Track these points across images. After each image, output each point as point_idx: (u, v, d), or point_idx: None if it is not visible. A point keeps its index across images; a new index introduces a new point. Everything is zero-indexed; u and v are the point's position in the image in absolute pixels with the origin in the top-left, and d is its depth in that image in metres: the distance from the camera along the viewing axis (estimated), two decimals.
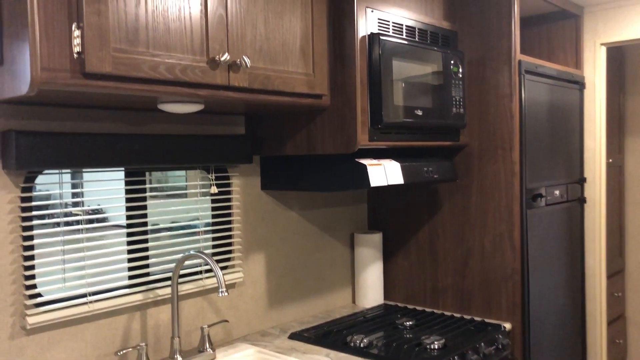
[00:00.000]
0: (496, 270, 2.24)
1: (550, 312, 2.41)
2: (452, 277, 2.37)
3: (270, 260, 2.22)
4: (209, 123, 2.00)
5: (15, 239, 1.54)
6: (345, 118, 1.80)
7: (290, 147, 1.97)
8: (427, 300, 2.45)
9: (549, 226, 2.41)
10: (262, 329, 2.19)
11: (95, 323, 1.70)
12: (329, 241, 2.48)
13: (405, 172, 1.99)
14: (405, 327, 2.15)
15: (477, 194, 2.28)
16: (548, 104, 2.40)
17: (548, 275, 2.39)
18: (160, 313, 1.86)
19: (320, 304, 2.44)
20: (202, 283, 1.95)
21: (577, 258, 2.67)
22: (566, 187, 2.54)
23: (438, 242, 2.41)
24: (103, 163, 1.64)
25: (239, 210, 2.10)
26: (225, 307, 2.06)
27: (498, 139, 2.21)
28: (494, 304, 2.26)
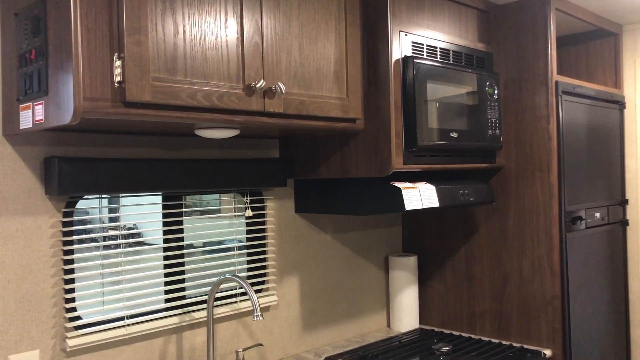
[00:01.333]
0: (535, 295, 2.19)
1: (592, 338, 2.33)
2: (489, 301, 2.32)
3: (304, 283, 2.22)
4: (244, 147, 2.02)
5: (57, 263, 1.57)
6: (380, 141, 1.80)
7: (324, 171, 1.97)
8: (463, 325, 2.41)
9: (590, 249, 2.34)
10: (296, 353, 2.18)
11: (132, 346, 1.72)
12: (363, 264, 2.46)
13: (440, 195, 1.97)
14: (442, 353, 2.11)
15: (514, 217, 2.24)
16: (587, 124, 2.35)
17: (589, 300, 2.32)
18: (195, 336, 1.87)
19: (354, 328, 2.41)
20: (237, 306, 1.96)
21: (620, 282, 2.58)
22: (607, 209, 2.47)
23: (475, 265, 2.36)
24: (142, 188, 1.67)
25: (273, 233, 2.11)
26: (260, 330, 2.06)
27: (535, 161, 2.17)
28: (533, 329, 2.20)
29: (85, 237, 1.65)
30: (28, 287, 1.52)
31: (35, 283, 1.53)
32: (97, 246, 1.66)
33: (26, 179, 1.52)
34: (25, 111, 1.37)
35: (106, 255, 1.67)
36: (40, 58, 1.30)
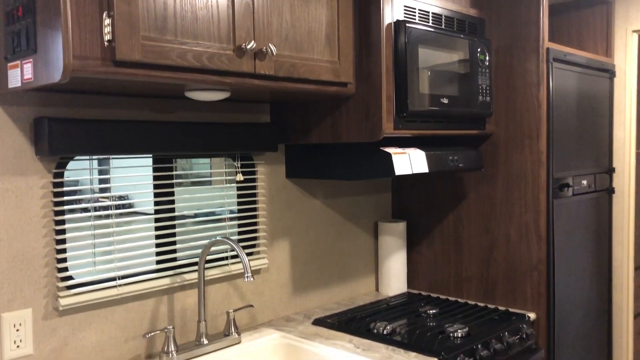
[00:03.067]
0: (521, 260, 2.23)
1: (575, 303, 2.39)
2: (476, 266, 2.36)
3: (295, 248, 2.24)
4: (235, 111, 2.02)
5: (48, 223, 1.58)
6: (371, 106, 1.81)
7: (315, 136, 1.98)
8: (450, 289, 2.45)
9: (576, 216, 2.38)
10: (286, 315, 2.22)
11: (124, 306, 1.74)
12: (353, 230, 2.49)
13: (430, 160, 1.98)
14: (428, 315, 2.15)
15: (502, 183, 2.26)
16: (577, 92, 2.36)
17: (574, 265, 2.37)
18: (187, 297, 1.89)
19: (343, 292, 2.45)
20: (228, 269, 1.98)
21: (605, 249, 2.63)
22: (594, 177, 2.50)
23: (463, 231, 2.40)
24: (132, 149, 1.67)
25: (264, 198, 2.12)
26: (251, 292, 2.09)
27: (525, 128, 2.19)
28: (519, 293, 2.25)
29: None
30: (20, 247, 1.53)
31: (27, 243, 1.54)
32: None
33: (16, 139, 1.52)
34: (13, 70, 1.36)
35: (97, 217, 1.68)
36: (27, 15, 1.29)
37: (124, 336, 1.75)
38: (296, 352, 1.90)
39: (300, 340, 1.91)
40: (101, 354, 1.69)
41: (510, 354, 2.01)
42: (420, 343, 1.85)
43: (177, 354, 1.73)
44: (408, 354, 1.79)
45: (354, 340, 1.92)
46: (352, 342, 1.90)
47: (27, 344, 1.54)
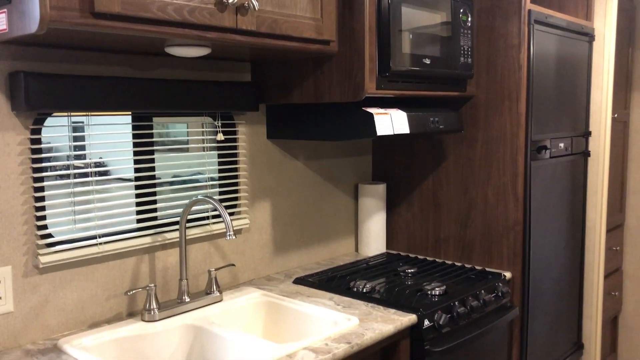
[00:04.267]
0: (498, 220, 2.27)
1: (550, 262, 2.45)
2: (454, 227, 2.40)
3: (276, 208, 2.25)
4: (215, 70, 1.99)
5: (26, 180, 1.56)
6: (353, 65, 1.80)
7: (296, 96, 1.96)
8: (429, 249, 2.50)
9: (553, 178, 2.42)
10: (267, 274, 2.24)
11: (105, 264, 1.74)
12: (334, 191, 2.50)
13: (411, 121, 1.99)
14: (407, 275, 2.19)
15: (482, 145, 2.29)
16: (556, 55, 2.37)
17: (549, 227, 2.43)
18: (168, 256, 1.90)
19: (324, 252, 2.48)
20: (210, 228, 1.99)
21: (579, 211, 2.70)
22: (571, 140, 2.54)
23: (441, 193, 2.43)
24: (111, 106, 1.64)
25: (245, 159, 2.12)
26: (232, 252, 2.10)
27: (505, 90, 2.20)
28: (495, 253, 2.30)
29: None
30: None
31: (5, 200, 1.52)
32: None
33: None
34: None
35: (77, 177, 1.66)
36: None
37: (106, 294, 1.75)
38: (278, 309, 1.92)
39: (281, 298, 1.94)
40: (82, 312, 1.70)
41: (486, 311, 2.06)
42: (399, 300, 1.89)
43: (159, 311, 1.74)
44: (387, 311, 1.83)
45: (334, 298, 1.95)
46: (333, 300, 1.94)
47: (7, 301, 1.54)
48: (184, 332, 1.74)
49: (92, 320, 1.72)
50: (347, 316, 1.75)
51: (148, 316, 1.72)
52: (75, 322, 1.68)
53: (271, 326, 1.95)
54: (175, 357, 1.73)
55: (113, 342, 1.63)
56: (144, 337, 1.68)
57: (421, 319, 1.80)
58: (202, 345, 1.72)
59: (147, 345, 1.68)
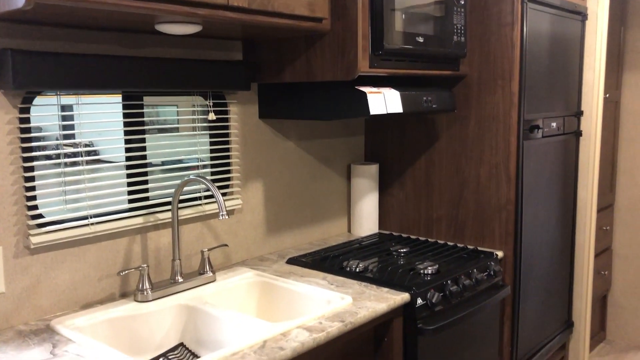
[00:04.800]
0: (490, 200, 2.28)
1: (541, 241, 2.47)
2: (446, 207, 2.41)
3: (269, 189, 2.24)
4: (206, 48, 1.96)
5: (15, 160, 1.54)
6: (346, 43, 1.78)
7: (289, 74, 1.95)
8: (421, 229, 2.50)
9: (545, 158, 2.43)
10: (260, 255, 2.24)
11: (97, 245, 1.73)
12: (326, 172, 2.49)
13: (404, 100, 1.98)
14: (399, 254, 2.20)
15: (474, 125, 2.28)
16: (549, 34, 2.36)
17: (541, 206, 2.44)
18: (160, 237, 1.89)
19: (316, 233, 2.48)
20: (202, 209, 1.98)
21: (570, 191, 2.71)
22: (563, 120, 2.54)
23: (434, 173, 2.43)
24: (101, 85, 1.62)
25: (237, 138, 2.10)
26: (225, 232, 2.09)
27: (498, 69, 2.19)
28: (487, 233, 2.31)
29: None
30: None
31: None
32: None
33: None
34: None
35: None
36: None
37: (98, 275, 1.74)
38: (271, 289, 1.92)
39: (275, 278, 1.94)
40: (75, 293, 1.69)
41: (478, 290, 2.08)
42: (392, 279, 1.89)
43: (152, 291, 1.73)
44: (380, 290, 1.84)
45: (327, 278, 1.96)
46: (326, 279, 1.94)
47: None
48: (178, 312, 1.74)
49: (85, 301, 1.71)
50: (340, 295, 1.76)
51: (141, 296, 1.72)
52: (68, 303, 1.68)
53: (265, 306, 1.95)
54: (168, 337, 1.73)
55: (106, 323, 1.62)
56: (137, 317, 1.68)
57: (414, 298, 1.81)
58: (195, 325, 1.72)
59: (140, 325, 1.68)
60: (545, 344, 2.59)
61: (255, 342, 1.43)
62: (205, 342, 1.69)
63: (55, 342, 1.46)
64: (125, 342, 1.65)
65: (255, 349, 1.41)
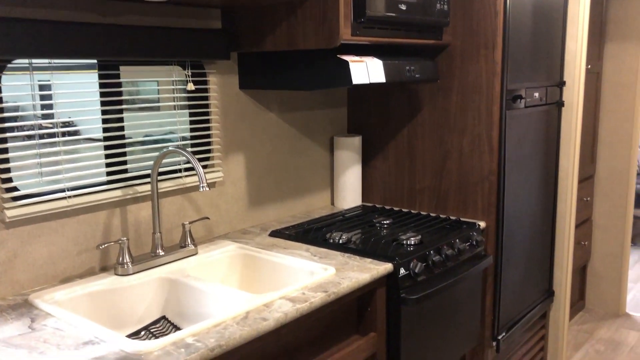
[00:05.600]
0: (473, 171, 2.28)
1: (523, 212, 2.48)
2: (429, 178, 2.40)
3: (250, 161, 2.21)
4: (185, 16, 1.91)
5: None
6: (328, 10, 1.74)
7: (269, 43, 1.90)
8: (404, 201, 2.50)
9: (527, 128, 2.43)
10: (243, 228, 2.22)
11: (75, 218, 1.70)
12: (309, 144, 2.47)
13: (387, 70, 1.95)
14: (382, 226, 2.20)
15: (457, 95, 2.27)
16: (533, 3, 2.34)
17: (523, 176, 2.44)
18: (140, 210, 1.85)
19: (299, 205, 2.46)
20: (182, 181, 1.95)
21: (552, 161, 2.72)
22: (546, 90, 2.54)
23: (417, 144, 2.42)
24: (76, 53, 1.57)
25: (217, 109, 2.06)
26: (206, 205, 2.07)
27: (481, 38, 2.17)
28: (470, 203, 2.31)
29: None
30: None
31: None
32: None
33: None
34: None
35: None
36: None
37: (77, 249, 1.71)
38: (254, 261, 1.91)
39: (258, 251, 1.92)
40: (53, 267, 1.66)
41: (460, 260, 2.08)
42: (375, 250, 1.89)
43: (133, 264, 1.71)
44: (364, 260, 1.83)
45: (310, 249, 1.95)
46: (309, 251, 1.93)
47: None
48: (159, 285, 1.72)
49: (64, 275, 1.69)
50: (323, 266, 1.75)
51: (121, 270, 1.69)
52: (46, 278, 1.64)
53: (248, 278, 1.94)
54: (150, 311, 1.71)
55: (86, 296, 1.60)
56: (118, 290, 1.65)
57: (397, 268, 1.81)
58: (177, 298, 1.70)
59: (121, 298, 1.66)
60: (526, 312, 2.62)
61: (237, 314, 1.42)
62: (187, 315, 1.68)
63: (33, 317, 1.43)
64: (105, 316, 1.63)
65: (238, 320, 1.40)
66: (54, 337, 1.32)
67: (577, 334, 3.61)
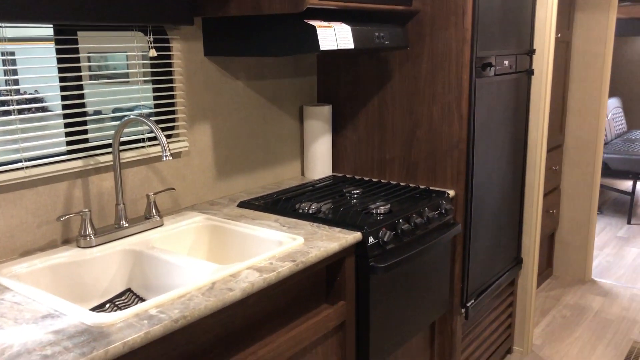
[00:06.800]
0: (442, 139, 2.27)
1: (492, 180, 2.49)
2: (399, 148, 2.39)
3: (217, 131, 2.17)
4: None
5: None
6: None
7: (234, 7, 1.84)
8: (374, 171, 2.49)
9: (497, 97, 2.42)
10: (210, 199, 2.18)
11: (34, 190, 1.64)
12: (278, 113, 2.42)
13: (356, 35, 1.92)
14: (352, 195, 2.18)
15: (427, 63, 2.24)
16: None
17: (493, 145, 2.45)
18: (102, 181, 1.80)
19: (269, 176, 2.43)
20: (146, 151, 1.89)
21: (521, 130, 2.73)
22: (515, 58, 2.53)
23: (387, 114, 2.39)
24: (30, 16, 1.49)
25: (181, 77, 2.00)
26: (172, 176, 2.02)
27: (451, 5, 2.14)
28: (439, 172, 2.31)
29: None
30: None
31: None
32: None
33: None
34: None
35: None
36: None
37: (37, 221, 1.65)
38: (221, 232, 1.88)
39: (225, 222, 1.89)
40: (12, 240, 1.60)
41: (430, 228, 2.09)
42: (345, 219, 1.88)
43: (96, 236, 1.66)
44: (333, 230, 1.82)
45: (279, 220, 1.92)
46: (278, 222, 1.91)
47: None
48: (123, 258, 1.68)
49: (24, 249, 1.63)
50: (292, 236, 1.73)
51: (84, 242, 1.65)
52: (5, 251, 1.59)
53: (215, 250, 1.91)
54: (115, 283, 1.68)
55: (47, 269, 1.55)
56: (81, 263, 1.61)
57: (366, 236, 1.80)
58: (142, 270, 1.67)
59: (84, 271, 1.62)
60: (495, 280, 2.65)
61: (203, 284, 1.40)
62: (153, 287, 1.65)
63: None
64: (68, 289, 1.59)
65: (204, 290, 1.37)
66: (11, 311, 1.28)
67: (545, 300, 3.69)
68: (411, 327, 2.08)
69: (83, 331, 1.17)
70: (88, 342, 1.13)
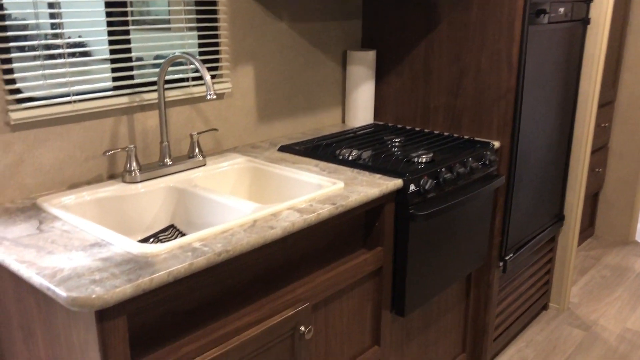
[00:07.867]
0: (490, 88, 2.20)
1: (539, 134, 2.42)
2: (444, 96, 2.33)
3: (260, 74, 2.15)
4: None
5: None
6: None
7: None
8: (417, 120, 2.44)
9: (549, 46, 2.32)
10: (251, 142, 2.19)
11: (81, 124, 1.67)
12: (321, 58, 2.39)
13: None
14: (394, 144, 2.15)
15: (478, 8, 2.15)
16: None
17: (542, 97, 2.36)
18: (147, 119, 1.82)
19: (309, 122, 2.42)
20: (190, 90, 1.90)
21: (572, 83, 2.62)
22: (572, 5, 2.41)
23: (433, 60, 2.33)
24: None
25: (225, 16, 1.98)
26: (214, 117, 2.03)
27: None
28: (485, 122, 2.25)
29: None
30: None
31: None
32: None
33: None
34: None
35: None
36: None
37: (84, 155, 1.69)
38: (262, 174, 1.89)
39: (266, 164, 1.90)
40: (60, 173, 1.65)
41: (472, 179, 2.05)
42: (386, 166, 1.86)
43: (140, 173, 1.69)
44: (373, 176, 1.81)
45: (320, 165, 1.92)
46: (319, 166, 1.90)
47: None
48: (167, 194, 1.72)
49: (71, 181, 1.68)
50: (332, 180, 1.73)
51: (129, 177, 1.68)
52: (54, 183, 1.64)
53: (256, 191, 1.93)
54: (158, 219, 1.72)
55: (94, 202, 1.60)
56: (126, 197, 1.65)
57: (407, 184, 1.79)
58: (185, 207, 1.70)
59: (129, 206, 1.66)
60: (535, 235, 2.61)
61: (245, 221, 1.41)
62: (196, 224, 1.68)
63: (42, 219, 1.44)
64: (114, 222, 1.63)
65: (246, 227, 1.39)
66: (61, 238, 1.32)
67: (584, 259, 3.63)
68: (448, 277, 2.08)
69: (129, 260, 1.21)
70: (134, 269, 1.16)
